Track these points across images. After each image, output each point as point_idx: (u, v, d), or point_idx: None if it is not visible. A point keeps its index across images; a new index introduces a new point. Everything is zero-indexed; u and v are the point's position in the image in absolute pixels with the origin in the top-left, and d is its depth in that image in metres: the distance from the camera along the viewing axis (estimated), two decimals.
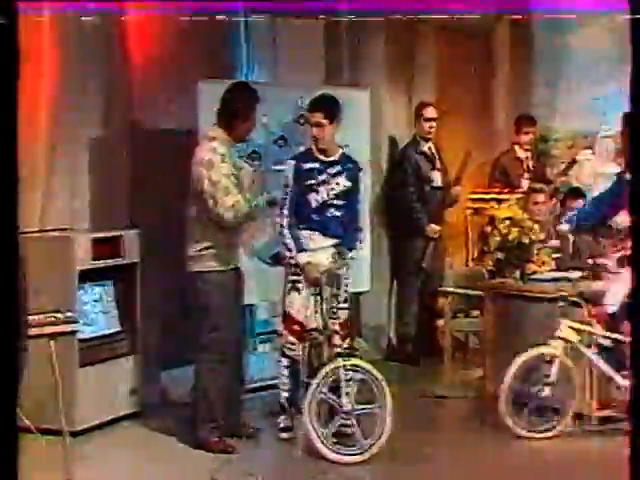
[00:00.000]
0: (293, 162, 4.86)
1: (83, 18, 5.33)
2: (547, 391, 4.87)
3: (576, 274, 5.66)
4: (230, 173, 4.62)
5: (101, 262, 5.07)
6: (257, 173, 4.86)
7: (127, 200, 5.67)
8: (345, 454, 4.58)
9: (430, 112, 6.80)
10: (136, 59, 5.74)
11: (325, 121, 4.82)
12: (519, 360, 4.90)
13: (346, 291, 4.95)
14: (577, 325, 4.95)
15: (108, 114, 5.61)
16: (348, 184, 4.89)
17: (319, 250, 4.86)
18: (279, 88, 5.78)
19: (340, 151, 4.97)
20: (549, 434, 4.92)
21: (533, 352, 4.93)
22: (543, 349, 4.93)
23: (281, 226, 4.81)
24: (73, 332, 4.44)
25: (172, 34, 5.83)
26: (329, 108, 4.85)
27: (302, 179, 4.83)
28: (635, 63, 2.23)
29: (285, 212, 4.81)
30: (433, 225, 6.73)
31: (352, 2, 6.71)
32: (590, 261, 6.06)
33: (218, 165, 4.58)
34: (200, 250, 4.68)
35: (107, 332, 5.20)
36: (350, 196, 4.90)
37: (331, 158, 4.90)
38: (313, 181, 4.83)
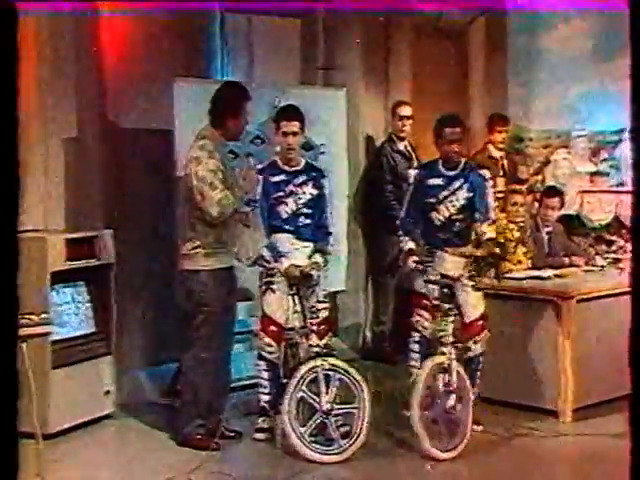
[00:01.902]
0: (260, 176, 4.90)
1: (57, 17, 5.28)
2: (452, 400, 4.62)
3: (551, 272, 5.71)
4: (217, 169, 4.65)
5: (75, 263, 5.02)
6: (251, 168, 4.87)
7: (102, 200, 5.62)
8: (323, 453, 4.58)
9: (405, 110, 6.82)
10: (110, 58, 5.69)
11: (300, 130, 4.94)
12: (427, 368, 4.63)
13: (324, 290, 4.98)
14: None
15: (82, 114, 5.56)
16: (314, 192, 4.98)
17: (297, 250, 4.91)
18: (255, 87, 5.76)
19: (303, 161, 5.07)
20: (456, 452, 4.61)
21: (433, 361, 4.67)
22: (438, 359, 4.66)
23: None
24: (47, 334, 4.40)
25: (147, 33, 5.79)
26: (302, 117, 4.96)
27: (270, 192, 4.91)
28: (635, 63, 2.24)
29: (259, 225, 4.87)
30: None
31: (329, 2, 6.71)
32: (566, 260, 6.13)
33: (205, 161, 4.63)
34: (192, 249, 4.70)
35: (80, 333, 5.15)
36: (318, 203, 5.00)
37: (296, 168, 4.99)
38: (281, 193, 4.92)
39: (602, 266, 6.10)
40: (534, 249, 6.04)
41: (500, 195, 6.38)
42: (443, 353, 4.67)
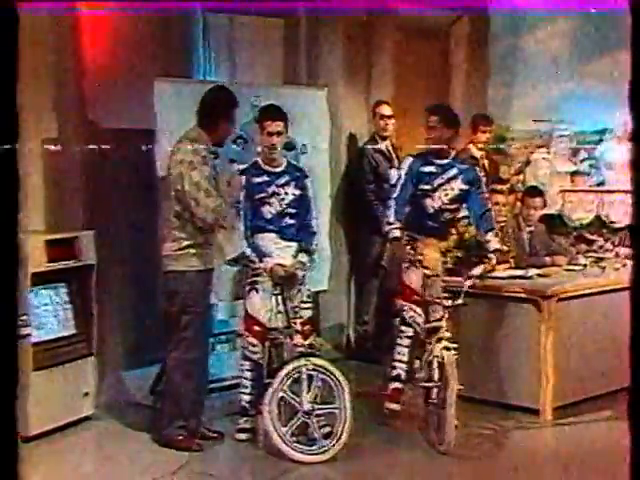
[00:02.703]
0: (243, 177, 4.88)
1: (37, 17, 5.24)
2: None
3: (533, 271, 5.73)
4: (210, 176, 4.65)
5: (56, 264, 4.98)
6: (235, 174, 4.86)
7: (82, 201, 5.59)
8: (306, 453, 4.58)
9: (385, 109, 6.82)
10: (91, 58, 5.66)
11: (284, 130, 4.93)
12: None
13: (308, 290, 4.98)
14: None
15: (63, 113, 5.52)
16: (298, 192, 4.98)
17: (281, 250, 4.91)
18: (237, 87, 5.74)
19: (285, 161, 5.06)
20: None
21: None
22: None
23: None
24: (26, 336, 4.36)
25: (129, 32, 5.76)
26: (286, 116, 4.96)
27: (253, 193, 4.90)
28: (635, 62, 2.25)
29: (241, 227, 4.86)
30: None
31: (311, 2, 6.71)
32: (548, 259, 6.15)
33: (199, 167, 4.61)
34: (178, 249, 4.67)
35: (60, 335, 5.11)
36: (302, 203, 4.99)
37: (278, 169, 4.98)
38: (264, 194, 4.91)
39: (584, 265, 6.14)
40: (515, 249, 6.07)
41: None
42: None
